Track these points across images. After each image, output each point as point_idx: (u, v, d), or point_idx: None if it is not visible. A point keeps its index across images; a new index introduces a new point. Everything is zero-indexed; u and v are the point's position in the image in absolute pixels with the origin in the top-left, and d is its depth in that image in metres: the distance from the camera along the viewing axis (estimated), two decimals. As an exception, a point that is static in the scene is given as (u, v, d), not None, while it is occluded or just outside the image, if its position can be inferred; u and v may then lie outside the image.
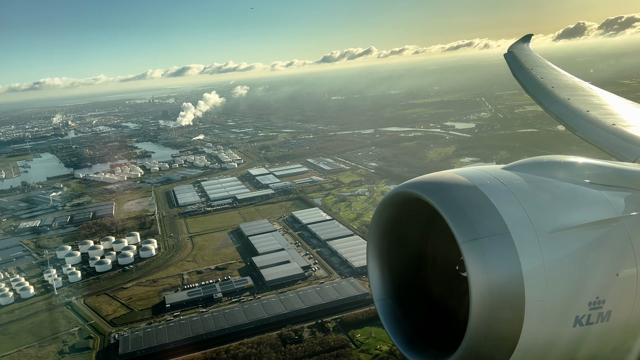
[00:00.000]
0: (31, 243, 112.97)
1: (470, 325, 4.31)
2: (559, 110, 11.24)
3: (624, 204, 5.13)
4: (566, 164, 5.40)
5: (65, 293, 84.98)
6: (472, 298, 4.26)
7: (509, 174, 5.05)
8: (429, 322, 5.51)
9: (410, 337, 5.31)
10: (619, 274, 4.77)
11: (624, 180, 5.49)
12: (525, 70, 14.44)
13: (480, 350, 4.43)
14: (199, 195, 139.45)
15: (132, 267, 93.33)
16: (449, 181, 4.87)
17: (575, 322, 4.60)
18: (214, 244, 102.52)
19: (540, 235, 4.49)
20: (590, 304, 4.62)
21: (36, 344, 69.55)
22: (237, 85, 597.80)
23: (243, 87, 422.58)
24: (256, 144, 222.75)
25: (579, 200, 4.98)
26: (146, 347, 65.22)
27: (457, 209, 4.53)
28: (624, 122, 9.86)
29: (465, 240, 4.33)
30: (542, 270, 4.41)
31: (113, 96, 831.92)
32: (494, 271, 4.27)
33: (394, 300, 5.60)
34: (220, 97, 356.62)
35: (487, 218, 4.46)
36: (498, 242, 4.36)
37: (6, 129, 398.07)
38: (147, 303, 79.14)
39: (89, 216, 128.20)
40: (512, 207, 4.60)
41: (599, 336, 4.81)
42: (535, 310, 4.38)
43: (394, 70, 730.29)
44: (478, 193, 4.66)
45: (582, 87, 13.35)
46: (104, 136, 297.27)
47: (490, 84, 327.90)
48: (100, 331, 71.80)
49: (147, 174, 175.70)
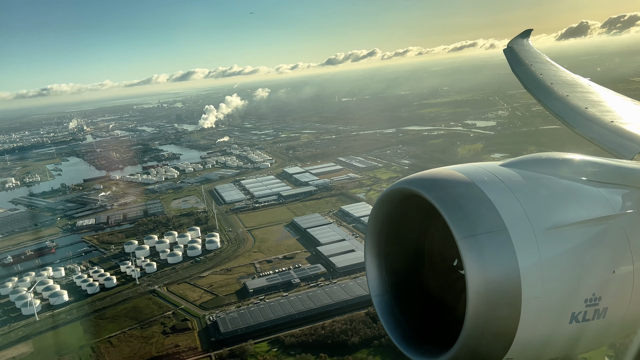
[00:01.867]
0: (93, 239, 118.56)
1: (467, 321, 4.33)
2: (557, 107, 11.14)
3: (622, 202, 5.15)
4: (564, 161, 5.45)
5: (146, 282, 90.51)
6: (469, 294, 4.29)
7: (507, 170, 5.11)
8: (426, 318, 5.57)
9: (408, 333, 5.37)
10: (616, 271, 4.80)
11: (621, 178, 5.51)
12: (524, 66, 14.30)
13: (477, 346, 4.47)
14: (243, 193, 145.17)
15: (201, 258, 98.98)
16: (447, 177, 4.91)
17: (572, 319, 4.63)
18: (274, 237, 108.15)
19: (538, 232, 4.53)
20: (587, 301, 4.65)
21: (137, 326, 75.06)
22: (241, 88, 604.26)
23: (264, 90, 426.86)
24: (281, 144, 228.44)
25: (576, 198, 5.04)
26: (245, 326, 70.81)
27: (454, 205, 4.58)
28: (623, 120, 9.73)
29: (463, 237, 4.36)
30: (539, 267, 4.44)
31: (119, 101, 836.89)
32: (491, 268, 4.32)
33: (391, 296, 5.63)
34: (242, 99, 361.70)
35: (485, 215, 4.52)
36: (495, 238, 4.40)
37: (21, 135, 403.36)
38: (229, 289, 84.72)
39: (142, 214, 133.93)
40: (510, 203, 4.64)
41: (595, 333, 4.84)
42: (532, 307, 4.41)
43: (397, 71, 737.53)
44: (475, 190, 4.71)
45: (581, 84, 13.25)
46: (124, 140, 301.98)
47: (500, 83, 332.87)
48: (193, 314, 77.33)
49: (183, 175, 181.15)
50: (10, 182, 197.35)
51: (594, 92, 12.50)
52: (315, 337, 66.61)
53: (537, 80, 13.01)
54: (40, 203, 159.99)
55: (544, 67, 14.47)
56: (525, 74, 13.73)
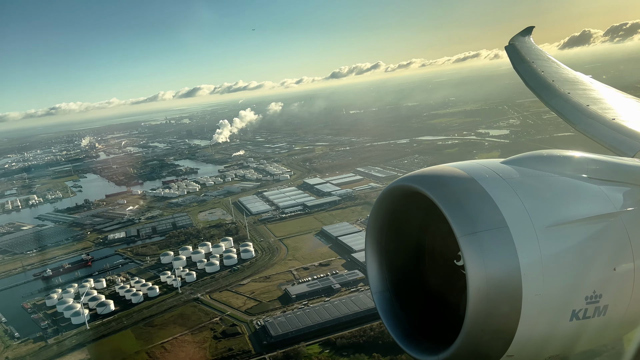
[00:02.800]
0: (127, 252, 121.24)
1: (468, 318, 4.35)
2: (558, 104, 11.13)
3: (622, 199, 5.16)
4: (565, 159, 5.46)
5: (188, 291, 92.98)
6: (469, 291, 4.31)
7: (508, 167, 5.13)
8: (426, 315, 5.58)
9: (408, 330, 5.40)
10: (616, 268, 4.82)
11: (622, 175, 5.52)
12: (526, 63, 14.28)
13: (477, 343, 4.49)
14: (268, 205, 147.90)
15: (238, 267, 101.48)
16: (448, 175, 4.94)
17: (572, 316, 4.64)
18: (306, 245, 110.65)
19: (539, 229, 4.54)
20: (587, 298, 4.65)
21: (187, 332, 77.40)
22: (246, 103, 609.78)
23: (277, 104, 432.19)
24: (296, 157, 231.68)
25: (577, 195, 5.04)
26: (295, 329, 73.10)
27: (455, 202, 4.60)
28: (624, 117, 9.75)
29: (463, 234, 4.39)
30: (540, 264, 4.46)
31: (125, 118, 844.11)
32: (492, 265, 4.33)
33: (392, 293, 5.66)
34: (256, 114, 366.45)
35: (486, 212, 4.54)
36: (496, 235, 4.42)
37: (34, 154, 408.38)
38: (271, 296, 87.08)
39: (171, 227, 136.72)
40: (511, 200, 4.66)
41: (596, 330, 4.86)
42: (533, 304, 4.42)
43: (401, 83, 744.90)
44: (476, 187, 4.74)
45: (582, 81, 13.21)
46: (138, 156, 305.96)
47: (507, 93, 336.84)
48: (240, 319, 79.65)
49: (204, 188, 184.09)
50: (33, 199, 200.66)
51: (596, 89, 12.47)
52: (366, 338, 68.78)
53: (539, 77, 13.03)
54: (66, 219, 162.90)
55: (546, 64, 14.42)
56: (527, 71, 13.76)
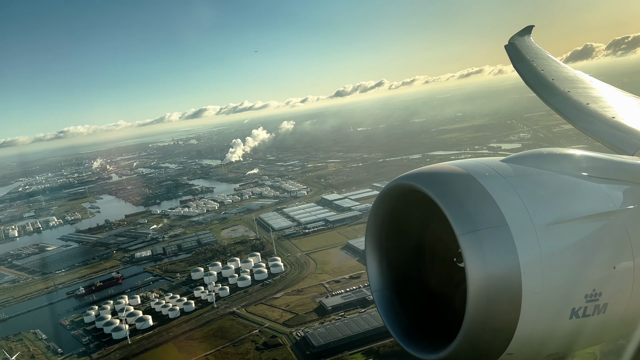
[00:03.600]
0: (155, 269, 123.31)
1: (467, 316, 4.37)
2: (558, 103, 11.13)
3: (622, 197, 5.19)
4: (565, 157, 5.49)
5: (223, 305, 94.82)
6: (469, 290, 4.33)
7: (508, 166, 5.15)
8: (426, 314, 5.59)
9: (408, 328, 5.42)
10: (616, 266, 4.81)
11: (622, 174, 5.56)
12: (526, 62, 14.24)
13: (477, 342, 4.51)
14: (289, 221, 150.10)
15: (269, 281, 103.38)
16: (448, 173, 4.96)
17: (572, 314, 4.64)
18: (334, 259, 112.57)
19: (538, 228, 4.55)
20: (587, 297, 4.66)
21: (229, 344, 79.13)
22: (252, 123, 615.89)
23: (289, 122, 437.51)
24: (310, 174, 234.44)
25: (577, 193, 5.06)
26: (336, 339, 74.72)
27: (455, 201, 4.62)
28: (624, 115, 9.76)
29: (463, 232, 4.40)
30: (540, 262, 4.47)
31: (132, 140, 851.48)
32: (492, 263, 4.35)
33: (392, 291, 5.68)
34: (268, 132, 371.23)
35: (485, 210, 4.55)
36: (496, 234, 4.43)
37: (45, 177, 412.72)
38: (307, 308, 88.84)
39: (196, 244, 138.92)
40: (510, 199, 4.67)
41: (595, 328, 4.86)
42: (532, 302, 4.43)
43: (405, 100, 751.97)
44: (476, 185, 4.75)
45: (582, 80, 13.20)
46: (151, 177, 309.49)
47: (515, 107, 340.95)
48: (279, 331, 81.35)
49: (223, 206, 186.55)
50: (53, 221, 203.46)
51: (596, 87, 12.48)
52: (408, 346, 70.34)
53: (539, 76, 13.08)
54: (90, 238, 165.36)
55: (546, 63, 14.43)
56: (527, 70, 13.76)
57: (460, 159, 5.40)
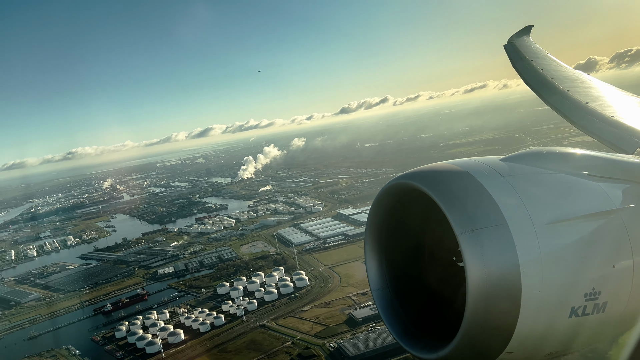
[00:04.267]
0: (180, 285, 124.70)
1: (467, 315, 4.38)
2: (558, 102, 11.13)
3: (622, 196, 5.20)
4: (564, 156, 5.51)
5: (253, 319, 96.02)
6: (468, 289, 4.34)
7: (507, 165, 5.16)
8: (425, 312, 5.61)
9: (407, 327, 5.44)
10: (615, 265, 4.82)
11: (622, 172, 5.58)
12: (526, 62, 14.22)
13: (476, 340, 4.52)
14: (308, 236, 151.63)
15: (296, 295, 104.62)
16: (447, 172, 4.99)
17: (571, 313, 4.65)
18: (357, 272, 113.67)
19: (538, 227, 4.56)
20: (586, 295, 4.67)
21: (263, 356, 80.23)
22: (257, 141, 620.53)
23: (300, 139, 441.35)
24: (323, 189, 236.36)
25: (576, 192, 5.06)
26: (370, 350, 75.82)
27: (454, 200, 4.64)
28: (623, 114, 9.79)
29: (463, 232, 4.42)
30: (539, 261, 4.48)
31: (139, 160, 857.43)
32: (491, 262, 4.36)
33: (391, 290, 5.70)
34: (279, 150, 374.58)
35: (485, 209, 4.56)
36: (495, 233, 4.44)
37: (56, 197, 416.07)
38: (336, 320, 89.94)
39: (217, 260, 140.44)
40: (510, 198, 4.69)
41: (595, 327, 4.86)
42: (532, 301, 4.44)
43: (410, 116, 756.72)
44: (476, 184, 4.77)
45: (581, 79, 13.32)
46: (163, 195, 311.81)
47: (522, 121, 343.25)
48: (312, 343, 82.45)
49: (240, 223, 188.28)
50: (70, 240, 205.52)
51: (595, 87, 12.53)
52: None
53: (538, 75, 13.04)
54: (110, 257, 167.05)
55: (545, 62, 14.39)
56: (526, 69, 13.71)
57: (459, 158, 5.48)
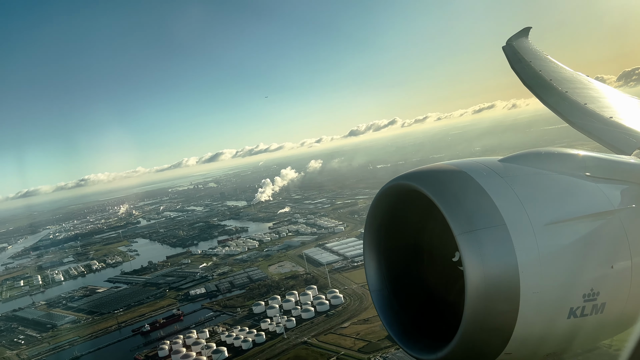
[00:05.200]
0: (214, 305, 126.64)
1: (466, 316, 4.38)
2: (556, 103, 11.10)
3: (620, 197, 5.20)
4: (563, 156, 5.52)
5: (293, 336, 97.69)
6: (467, 289, 4.33)
7: (506, 165, 5.18)
8: (424, 313, 5.61)
9: (406, 328, 5.44)
10: (614, 266, 4.81)
11: (620, 173, 5.59)
12: (524, 63, 14.20)
13: (475, 341, 4.52)
14: (335, 255, 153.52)
15: (333, 312, 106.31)
16: (446, 173, 5.00)
17: (570, 314, 4.64)
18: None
19: (536, 227, 4.56)
20: (585, 296, 4.65)
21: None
22: (267, 165, 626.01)
23: (317, 161, 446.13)
24: (342, 210, 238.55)
25: (575, 193, 5.07)
26: (417, 362, 77.33)
27: (453, 200, 4.64)
28: (622, 115, 9.81)
29: (461, 232, 4.41)
30: (538, 262, 4.47)
31: (150, 186, 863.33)
32: (490, 263, 4.36)
33: (390, 291, 5.70)
34: (296, 172, 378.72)
35: (484, 210, 4.57)
36: (494, 234, 4.44)
37: (72, 224, 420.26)
38: (378, 336, 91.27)
39: (247, 280, 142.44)
40: (509, 199, 4.69)
41: (593, 328, 4.85)
42: (530, 302, 4.43)
43: (418, 137, 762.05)
44: (475, 185, 4.77)
45: (580, 80, 13.26)
46: (180, 219, 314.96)
47: (538, 139, 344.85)
48: (357, 358, 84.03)
49: (263, 244, 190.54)
50: (95, 264, 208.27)
51: (594, 88, 12.50)
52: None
53: (537, 76, 13.04)
54: (138, 279, 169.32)
55: (544, 63, 14.40)
56: (525, 70, 13.67)
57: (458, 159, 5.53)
